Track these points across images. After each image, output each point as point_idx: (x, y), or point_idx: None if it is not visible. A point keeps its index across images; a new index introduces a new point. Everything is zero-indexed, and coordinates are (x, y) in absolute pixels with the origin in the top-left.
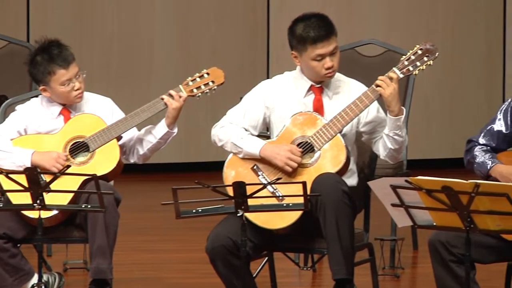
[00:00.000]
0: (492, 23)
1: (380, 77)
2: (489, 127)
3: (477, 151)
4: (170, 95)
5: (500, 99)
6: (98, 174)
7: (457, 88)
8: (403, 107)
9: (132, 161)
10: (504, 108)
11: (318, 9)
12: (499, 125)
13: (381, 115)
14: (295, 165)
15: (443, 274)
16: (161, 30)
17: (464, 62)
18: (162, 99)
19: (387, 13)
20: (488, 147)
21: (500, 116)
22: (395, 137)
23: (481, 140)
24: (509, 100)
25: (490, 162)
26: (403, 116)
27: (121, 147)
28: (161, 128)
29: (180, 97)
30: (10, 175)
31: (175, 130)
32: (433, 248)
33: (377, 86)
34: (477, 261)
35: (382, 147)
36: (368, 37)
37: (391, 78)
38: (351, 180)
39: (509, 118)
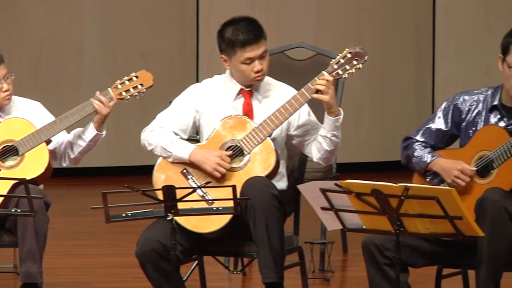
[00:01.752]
0: (421, 25)
1: (319, 82)
2: (427, 125)
3: (417, 146)
4: (100, 101)
5: (429, 101)
6: (28, 178)
7: (386, 91)
8: (340, 108)
9: (64, 165)
10: (444, 107)
11: (248, 13)
12: (439, 123)
13: (313, 118)
14: (224, 171)
15: (376, 276)
16: (90, 34)
17: (393, 65)
18: (92, 103)
19: (316, 16)
20: (427, 145)
21: (440, 114)
22: (333, 138)
23: (419, 138)
24: (450, 99)
25: (430, 156)
26: (342, 116)
27: (53, 152)
28: (90, 131)
29: (111, 100)
30: None
31: (104, 132)
32: (367, 251)
33: (318, 91)
34: (409, 264)
35: (316, 149)
36: (297, 41)
37: (327, 81)
38: (281, 183)
39: (450, 117)
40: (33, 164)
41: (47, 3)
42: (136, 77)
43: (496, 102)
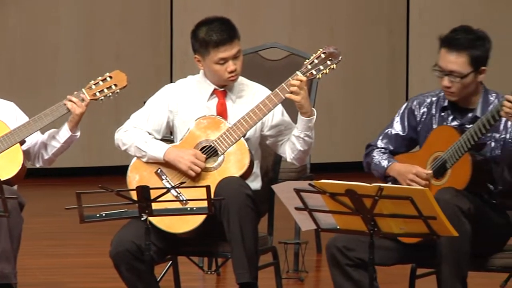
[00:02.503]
0: (395, 26)
1: (292, 82)
2: (387, 130)
3: (375, 153)
4: (72, 101)
5: (403, 102)
6: (2, 179)
7: (360, 91)
8: (313, 108)
9: (37, 165)
10: (401, 111)
11: (221, 13)
12: (397, 128)
13: (286, 118)
14: (199, 169)
15: (340, 279)
16: (65, 35)
17: (367, 66)
18: (65, 104)
19: (290, 17)
20: (387, 150)
21: (397, 119)
22: (306, 138)
23: (380, 144)
24: (406, 103)
25: (387, 162)
26: (315, 116)
27: (26, 152)
28: (65, 133)
29: (83, 100)
30: None
31: (78, 133)
32: (330, 253)
33: (291, 92)
34: (377, 264)
35: (290, 149)
36: (271, 41)
37: (301, 81)
38: (255, 183)
39: (406, 121)
40: (7, 165)
41: (24, 4)
42: (110, 77)
43: (446, 103)
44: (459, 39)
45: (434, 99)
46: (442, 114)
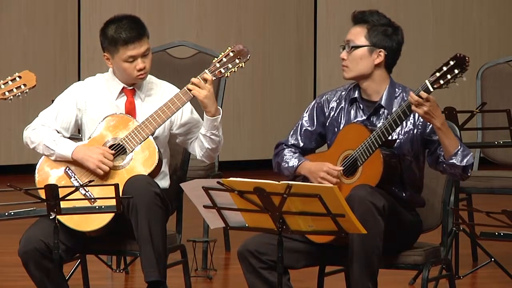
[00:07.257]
0: (303, 23)
1: (193, 80)
2: (296, 126)
3: (286, 152)
4: None
5: (311, 100)
6: None
7: (268, 89)
8: (219, 107)
9: None
10: (310, 107)
11: (129, 11)
12: (306, 124)
13: (195, 116)
14: (107, 168)
15: (256, 282)
16: None
17: (274, 64)
18: None
19: (198, 15)
20: (297, 148)
21: (306, 114)
22: (212, 137)
23: (290, 140)
24: (315, 99)
25: (297, 161)
26: (220, 116)
27: None
28: None
29: None
30: None
31: None
32: (242, 258)
33: (190, 90)
34: (288, 266)
35: (199, 147)
36: (179, 39)
37: (205, 80)
38: (164, 182)
39: (315, 116)
40: None
41: None
42: (20, 77)
43: (356, 95)
44: (365, 14)
45: (343, 93)
46: (350, 107)
